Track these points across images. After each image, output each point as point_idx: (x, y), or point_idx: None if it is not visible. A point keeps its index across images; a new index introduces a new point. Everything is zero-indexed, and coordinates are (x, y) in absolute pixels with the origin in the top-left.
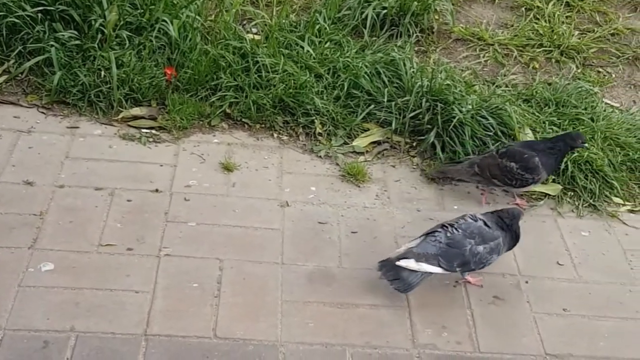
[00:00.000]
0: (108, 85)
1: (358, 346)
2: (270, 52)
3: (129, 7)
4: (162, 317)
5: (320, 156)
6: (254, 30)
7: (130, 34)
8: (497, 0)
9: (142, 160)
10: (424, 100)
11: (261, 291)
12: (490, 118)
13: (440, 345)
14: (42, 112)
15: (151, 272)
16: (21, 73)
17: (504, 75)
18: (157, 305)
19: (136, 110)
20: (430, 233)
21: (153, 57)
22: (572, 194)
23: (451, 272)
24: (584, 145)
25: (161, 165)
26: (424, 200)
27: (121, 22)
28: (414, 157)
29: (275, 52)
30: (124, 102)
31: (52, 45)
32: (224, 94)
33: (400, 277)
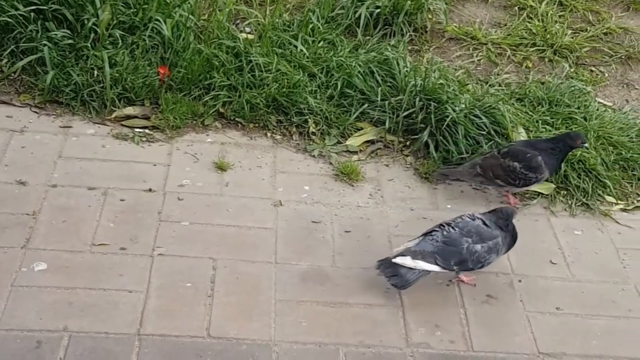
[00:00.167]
0: (101, 85)
1: (352, 345)
2: (263, 52)
3: (122, 6)
4: (155, 317)
5: (313, 155)
6: (247, 30)
7: (123, 33)
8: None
9: (135, 160)
10: (418, 99)
11: (254, 290)
12: (483, 117)
13: (433, 344)
14: (35, 112)
15: (144, 271)
16: (14, 72)
17: (497, 75)
18: (151, 305)
19: (129, 110)
20: (428, 232)
21: (146, 56)
22: (565, 192)
23: (449, 271)
24: (584, 145)
25: (154, 165)
26: (417, 200)
27: (114, 22)
28: (407, 156)
29: (268, 51)
30: (117, 101)
31: (44, 45)
32: (217, 93)
33: (399, 273)
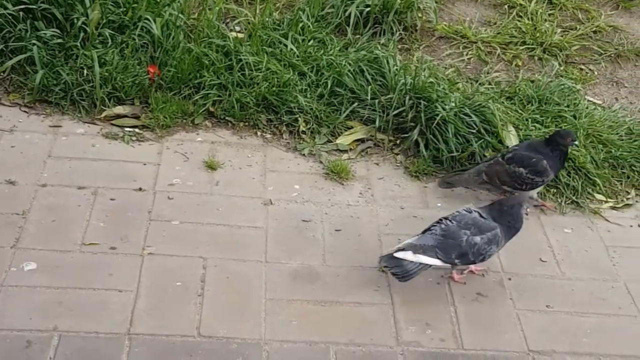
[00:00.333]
0: (91, 84)
1: (342, 344)
2: (253, 50)
3: (111, 5)
4: (145, 316)
5: (304, 154)
6: (237, 29)
7: (112, 32)
8: None
9: (125, 159)
10: (407, 98)
11: (245, 289)
12: (473, 116)
13: (424, 342)
14: (25, 111)
15: (135, 271)
16: (3, 72)
17: (487, 73)
18: (141, 304)
19: (119, 109)
20: (427, 229)
21: (136, 55)
22: (554, 191)
23: (451, 265)
24: (574, 143)
25: (144, 164)
26: (407, 198)
27: (104, 21)
28: (397, 154)
29: (258, 50)
30: (106, 100)
31: (34, 44)
32: (207, 92)
33: (400, 264)
